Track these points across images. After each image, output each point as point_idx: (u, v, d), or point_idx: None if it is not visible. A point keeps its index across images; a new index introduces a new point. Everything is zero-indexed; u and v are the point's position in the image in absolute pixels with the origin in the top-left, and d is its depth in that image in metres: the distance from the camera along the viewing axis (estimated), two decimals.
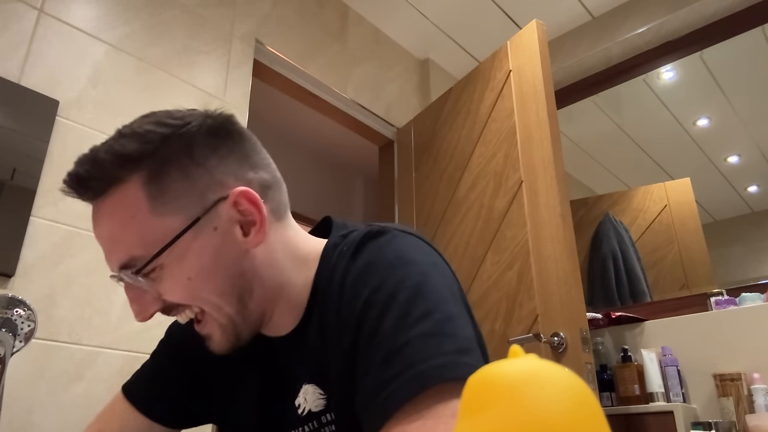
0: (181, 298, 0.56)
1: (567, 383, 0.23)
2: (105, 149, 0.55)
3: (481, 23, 2.64)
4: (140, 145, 0.54)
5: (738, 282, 2.02)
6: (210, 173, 0.56)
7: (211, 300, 0.56)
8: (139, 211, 0.54)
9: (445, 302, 0.50)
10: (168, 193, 0.54)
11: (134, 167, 0.54)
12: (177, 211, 0.54)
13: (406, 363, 0.45)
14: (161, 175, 0.54)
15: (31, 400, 1.28)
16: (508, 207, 1.91)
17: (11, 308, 0.85)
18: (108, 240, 0.56)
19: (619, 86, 2.56)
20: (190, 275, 0.55)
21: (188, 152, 0.55)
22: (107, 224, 0.55)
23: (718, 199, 2.33)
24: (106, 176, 0.54)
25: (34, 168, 1.40)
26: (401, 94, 2.70)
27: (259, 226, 0.57)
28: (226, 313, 0.57)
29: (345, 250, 0.58)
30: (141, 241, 0.54)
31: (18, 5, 1.48)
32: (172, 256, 0.54)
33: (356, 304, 0.52)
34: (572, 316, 1.60)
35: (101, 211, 0.56)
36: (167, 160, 0.55)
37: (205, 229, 0.55)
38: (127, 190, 0.54)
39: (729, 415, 1.63)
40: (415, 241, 0.57)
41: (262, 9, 2.15)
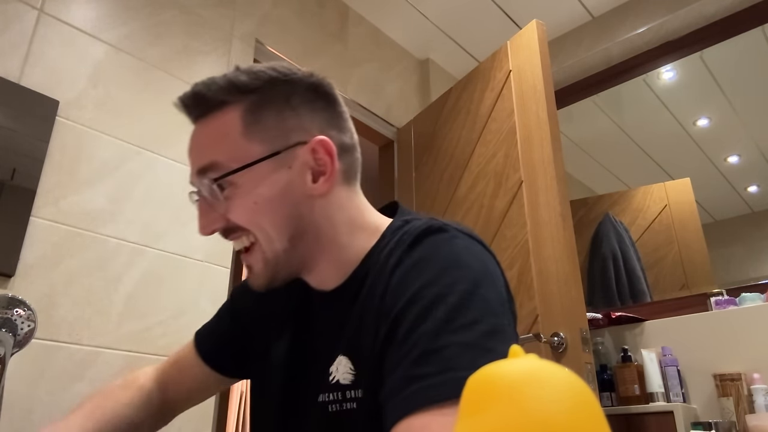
0: (243, 220, 0.61)
1: (567, 383, 0.23)
2: (221, 77, 0.63)
3: (481, 23, 2.64)
4: (250, 80, 0.62)
5: (738, 282, 2.02)
6: (299, 119, 0.63)
7: (266, 230, 0.61)
8: (233, 131, 0.61)
9: (492, 314, 0.50)
10: (260, 124, 0.61)
11: (240, 96, 0.62)
12: (263, 141, 0.61)
13: (441, 366, 0.45)
14: (260, 108, 0.62)
15: (31, 400, 1.28)
16: (508, 207, 1.91)
17: (11, 308, 0.85)
18: (198, 148, 0.63)
19: (619, 86, 2.56)
20: (257, 201, 0.60)
21: (287, 97, 0.63)
22: (202, 136, 0.63)
23: (718, 199, 2.33)
24: (215, 98, 0.62)
25: (34, 168, 1.40)
26: (401, 94, 2.70)
27: (327, 176, 0.62)
28: (274, 248, 0.61)
29: (404, 238, 0.59)
30: (226, 154, 0.60)
31: (18, 5, 1.48)
32: (246, 177, 0.60)
33: (401, 296, 0.53)
34: (572, 316, 1.60)
35: (201, 127, 0.63)
36: (268, 97, 0.62)
37: (281, 164, 0.61)
38: (228, 113, 0.62)
39: (729, 415, 1.63)
40: (473, 244, 0.58)
41: (262, 9, 2.15)
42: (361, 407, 0.57)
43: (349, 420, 0.58)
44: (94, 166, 1.53)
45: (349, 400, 0.58)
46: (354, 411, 0.58)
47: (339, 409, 0.59)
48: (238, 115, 0.61)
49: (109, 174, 1.55)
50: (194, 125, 0.64)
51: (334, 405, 0.59)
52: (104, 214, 1.51)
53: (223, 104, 0.62)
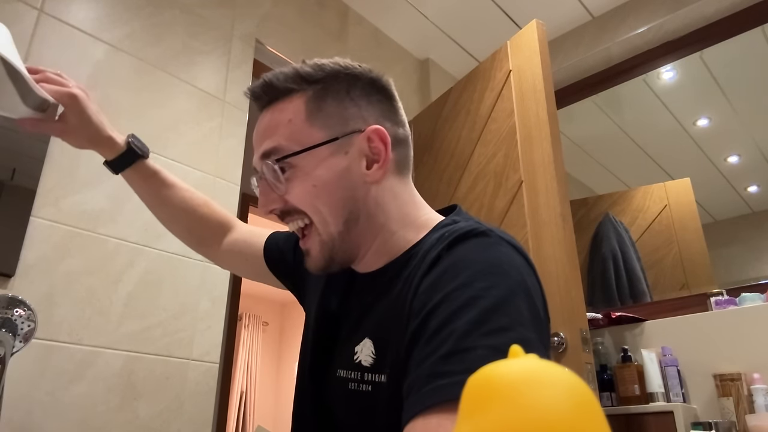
0: (300, 202, 0.65)
1: (567, 383, 0.23)
2: (289, 68, 0.68)
3: (481, 23, 2.64)
4: (315, 71, 0.67)
5: (738, 282, 2.02)
6: (358, 109, 0.68)
7: (322, 213, 0.65)
8: (297, 116, 0.66)
9: (523, 325, 0.49)
10: (322, 112, 0.66)
11: (305, 86, 0.67)
12: (324, 127, 0.66)
13: (466, 366, 0.45)
14: (322, 97, 0.66)
15: (31, 400, 1.28)
16: (508, 207, 1.91)
17: (11, 308, 0.85)
18: (263, 132, 0.67)
19: (619, 86, 2.56)
20: (316, 183, 0.64)
21: (348, 88, 0.68)
22: (268, 121, 0.67)
23: (718, 199, 2.33)
24: (283, 86, 0.67)
25: (34, 168, 1.40)
26: (401, 94, 2.67)
27: (381, 164, 0.66)
28: (330, 231, 0.65)
29: (446, 236, 0.60)
30: (289, 137, 0.65)
31: (18, 5, 1.48)
32: (306, 160, 0.64)
33: (436, 294, 0.53)
34: (572, 316, 1.60)
35: (267, 114, 0.68)
36: (331, 88, 0.67)
37: (339, 149, 0.66)
38: (293, 101, 0.67)
39: (729, 415, 1.63)
40: (514, 253, 0.58)
41: (262, 9, 2.15)
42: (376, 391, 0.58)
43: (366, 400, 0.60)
44: (94, 166, 1.53)
45: (366, 383, 0.60)
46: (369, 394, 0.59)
47: (357, 389, 0.61)
48: (303, 103, 0.66)
49: (109, 174, 1.55)
50: (262, 113, 0.69)
51: (353, 383, 0.62)
52: (104, 214, 1.51)
53: (289, 92, 0.67)
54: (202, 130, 1.79)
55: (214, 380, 1.63)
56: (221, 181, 1.78)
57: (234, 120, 1.91)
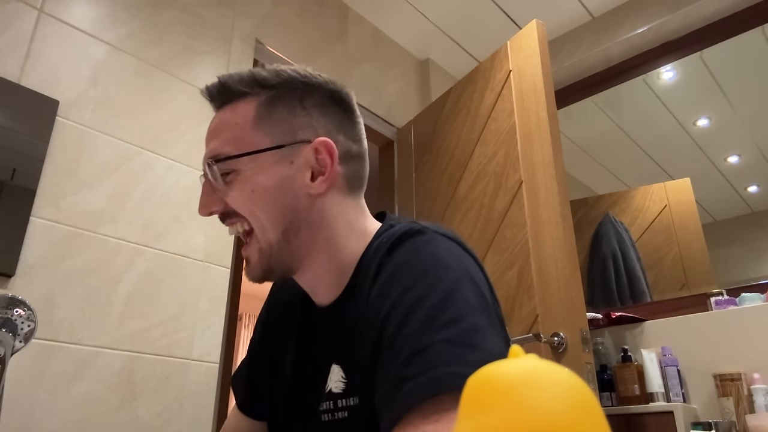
0: (239, 206, 0.64)
1: (567, 383, 0.23)
2: (248, 70, 0.67)
3: (481, 23, 2.64)
4: (271, 76, 0.66)
5: (738, 282, 2.02)
6: (309, 119, 0.66)
7: (260, 219, 0.64)
8: (245, 121, 0.65)
9: (473, 312, 0.50)
10: (271, 118, 0.65)
11: (259, 90, 0.66)
12: (271, 134, 0.65)
13: (428, 364, 0.46)
14: (274, 103, 0.66)
15: (31, 400, 1.28)
16: (508, 207, 1.91)
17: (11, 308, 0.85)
18: (211, 133, 0.67)
19: (619, 86, 2.56)
20: (255, 188, 0.63)
21: (302, 98, 0.67)
22: (218, 123, 0.67)
23: (718, 199, 2.33)
24: (236, 88, 0.66)
25: (34, 168, 1.40)
26: (401, 94, 2.70)
27: (326, 177, 0.65)
28: (268, 238, 0.64)
29: (383, 243, 0.61)
30: (234, 141, 0.64)
31: (18, 5, 1.48)
32: (249, 165, 0.63)
33: (385, 301, 0.54)
34: (572, 316, 1.60)
35: (219, 114, 0.68)
36: (284, 94, 0.66)
37: (284, 158, 0.65)
38: (245, 104, 0.66)
39: (729, 415, 1.63)
40: (451, 245, 0.58)
41: (262, 9, 2.15)
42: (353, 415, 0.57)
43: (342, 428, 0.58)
44: (94, 166, 1.53)
45: (341, 409, 0.59)
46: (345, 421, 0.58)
47: (331, 419, 0.59)
48: (254, 107, 0.65)
49: (109, 174, 1.55)
50: (215, 114, 0.69)
51: (326, 414, 0.60)
52: (104, 214, 1.51)
53: (243, 95, 0.66)
54: (202, 130, 1.79)
55: (214, 380, 1.63)
56: None
57: None
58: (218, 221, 0.68)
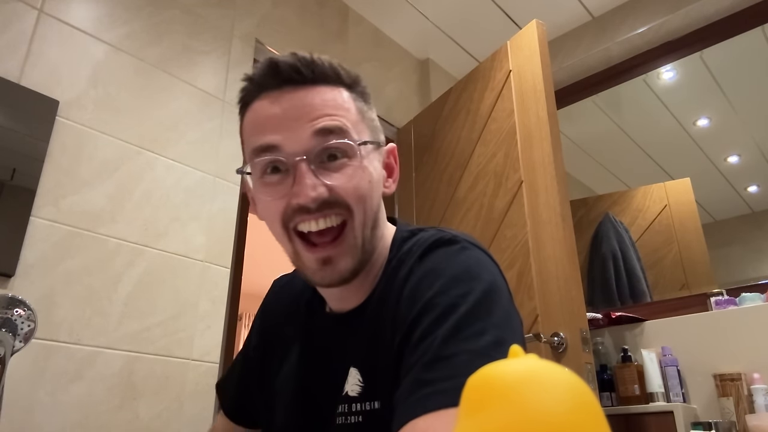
0: (353, 195, 0.59)
1: (567, 383, 0.23)
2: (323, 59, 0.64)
3: (481, 23, 2.64)
4: (346, 74, 0.64)
5: (738, 282, 2.02)
6: (378, 122, 0.68)
7: (366, 212, 0.61)
8: (352, 109, 0.63)
9: (499, 326, 0.51)
10: (366, 115, 0.65)
11: (346, 84, 0.64)
12: (369, 129, 0.65)
13: (450, 372, 0.46)
14: (362, 101, 0.65)
15: (31, 400, 1.28)
16: (508, 207, 1.91)
17: (11, 308, 0.84)
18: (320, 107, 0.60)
19: (619, 86, 2.56)
20: (371, 179, 0.62)
21: (367, 97, 0.67)
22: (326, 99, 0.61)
23: (718, 199, 2.33)
24: (333, 73, 0.63)
25: (34, 168, 1.40)
26: (401, 94, 2.70)
27: (394, 178, 0.68)
28: (365, 233, 0.61)
29: (414, 249, 0.61)
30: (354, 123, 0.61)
31: (18, 5, 1.48)
32: (365, 152, 0.61)
33: (415, 305, 0.54)
34: (572, 316, 1.60)
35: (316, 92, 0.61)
36: (362, 95, 0.66)
37: (378, 156, 0.66)
38: (342, 92, 0.63)
39: (729, 415, 1.63)
40: (482, 256, 0.59)
41: (262, 9, 2.15)
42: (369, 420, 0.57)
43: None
44: (94, 166, 1.53)
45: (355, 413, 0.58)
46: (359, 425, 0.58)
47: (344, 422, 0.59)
48: (351, 98, 0.63)
49: (109, 174, 1.55)
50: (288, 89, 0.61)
51: (341, 417, 0.60)
52: (104, 214, 1.51)
53: (335, 82, 0.63)
54: (202, 130, 1.79)
55: (214, 380, 1.62)
56: (221, 181, 1.78)
57: (234, 120, 1.91)
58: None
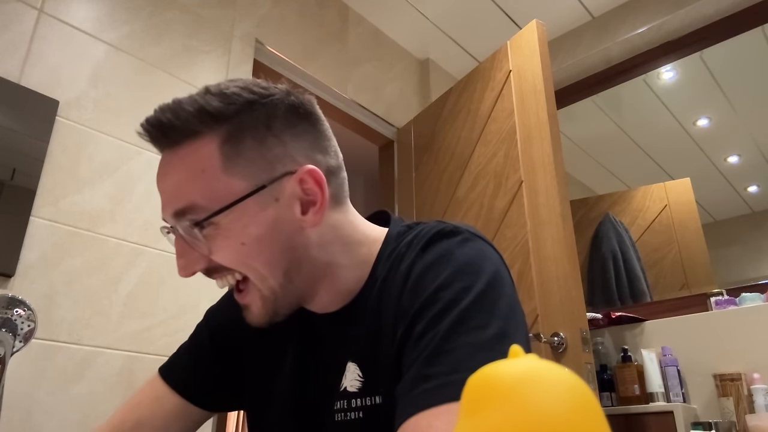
0: (230, 262, 0.56)
1: (567, 383, 0.22)
2: (190, 102, 0.56)
3: (481, 23, 2.64)
4: (225, 105, 0.55)
5: (738, 282, 2.02)
6: (284, 146, 0.58)
7: (258, 269, 0.56)
8: (211, 166, 0.55)
9: (503, 318, 0.51)
10: (241, 157, 0.55)
11: (214, 125, 0.55)
12: (246, 175, 0.55)
13: (452, 366, 0.46)
14: (238, 138, 0.55)
15: (31, 400, 1.28)
16: (508, 207, 1.91)
17: (11, 308, 0.84)
18: (172, 186, 0.56)
19: (619, 86, 2.56)
20: (244, 241, 0.55)
21: (267, 122, 0.57)
22: (176, 172, 0.56)
23: (718, 199, 2.33)
24: (186, 127, 0.55)
25: (34, 168, 1.40)
26: (401, 94, 2.70)
27: (318, 207, 0.58)
28: (269, 285, 0.57)
29: (415, 242, 0.59)
30: (206, 194, 0.54)
31: (18, 5, 1.48)
32: (230, 217, 0.55)
33: (417, 298, 0.53)
34: (572, 316, 1.60)
35: (172, 159, 0.56)
36: (247, 125, 0.56)
37: (267, 198, 0.56)
38: (203, 146, 0.55)
39: (729, 415, 1.63)
40: (485, 247, 0.58)
41: (262, 9, 2.15)
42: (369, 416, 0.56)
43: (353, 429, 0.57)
44: (94, 166, 1.53)
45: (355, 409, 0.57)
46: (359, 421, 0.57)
47: (343, 419, 0.58)
48: (215, 147, 0.55)
49: (109, 174, 1.55)
50: (162, 154, 0.58)
51: (339, 414, 0.59)
52: (104, 214, 1.51)
53: (195, 134, 0.55)
54: None
55: None
56: None
57: None
58: None
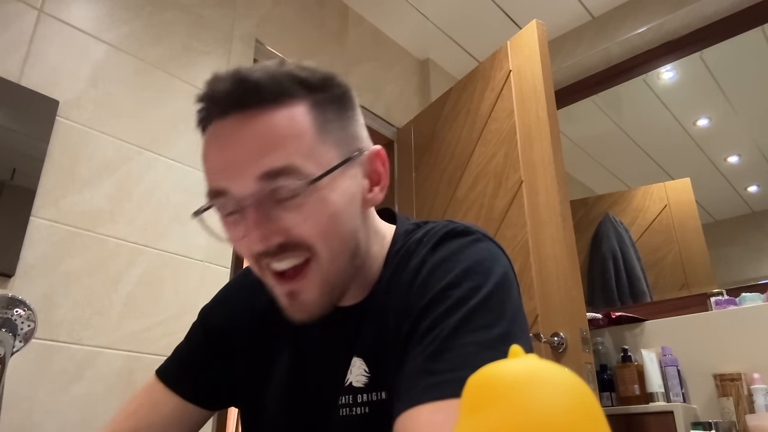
0: (314, 234, 0.53)
1: (567, 383, 0.23)
2: (278, 66, 0.55)
3: (481, 23, 2.64)
4: (312, 75, 0.55)
5: (738, 282, 2.02)
6: (355, 124, 0.59)
7: (334, 246, 0.54)
8: (307, 132, 0.53)
9: (509, 319, 0.51)
10: (329, 126, 0.55)
11: (306, 92, 0.55)
12: (334, 145, 0.55)
13: (455, 364, 0.46)
14: (324, 108, 0.55)
15: (31, 401, 1.28)
16: (508, 207, 1.91)
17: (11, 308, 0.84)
18: (262, 146, 0.52)
19: (619, 86, 2.56)
20: (334, 212, 0.53)
21: (342, 99, 0.58)
22: (268, 132, 0.52)
23: (718, 199, 2.33)
24: (281, 88, 0.53)
25: (34, 168, 1.40)
26: (401, 94, 2.70)
27: (382, 186, 0.60)
28: (337, 267, 0.55)
29: (426, 240, 0.59)
30: (306, 155, 0.52)
31: (18, 5, 1.48)
32: (326, 184, 0.53)
33: (426, 295, 0.54)
34: (572, 316, 1.60)
35: (259, 119, 0.52)
36: (329, 97, 0.56)
37: (351, 171, 0.57)
38: (296, 110, 0.53)
39: (729, 415, 1.63)
40: (493, 248, 0.58)
41: (262, 9, 2.15)
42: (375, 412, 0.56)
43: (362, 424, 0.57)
44: (94, 166, 1.53)
45: (361, 404, 0.57)
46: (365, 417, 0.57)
47: (349, 414, 0.58)
48: (307, 113, 0.54)
49: (109, 174, 1.55)
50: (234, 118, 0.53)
51: (345, 409, 0.58)
52: (104, 214, 1.51)
53: (290, 96, 0.53)
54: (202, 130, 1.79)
55: None
56: None
57: None
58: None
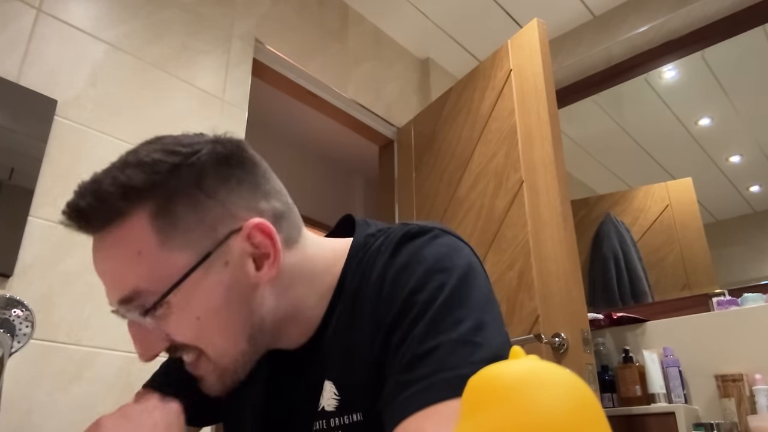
0: (189, 339, 0.53)
1: (568, 384, 0.22)
2: (109, 180, 0.51)
3: (481, 22, 2.64)
4: (147, 175, 0.51)
5: (740, 282, 2.02)
6: (221, 205, 0.53)
7: (217, 342, 0.53)
8: (146, 246, 0.50)
9: (479, 310, 0.50)
10: (177, 227, 0.51)
11: (140, 200, 0.50)
12: (186, 245, 0.51)
13: (433, 367, 0.45)
14: (170, 208, 0.51)
15: (30, 401, 1.28)
16: (509, 207, 1.90)
17: (9, 309, 0.84)
18: (111, 275, 0.53)
19: (621, 86, 2.56)
20: (199, 314, 0.52)
21: (198, 183, 0.52)
22: (111, 260, 0.52)
23: (720, 199, 2.33)
24: (110, 210, 0.50)
25: (32, 168, 1.39)
26: (401, 93, 2.70)
27: (273, 259, 0.54)
28: (231, 356, 0.54)
29: (383, 249, 0.57)
30: (148, 277, 0.51)
31: (16, 4, 1.48)
32: (180, 293, 0.51)
33: (393, 305, 0.52)
34: (573, 317, 1.59)
35: (104, 245, 0.52)
36: (176, 192, 0.51)
37: (215, 264, 0.52)
38: (133, 225, 0.50)
39: (731, 416, 1.62)
40: (454, 242, 0.57)
41: (261, 8, 2.15)
42: None
43: None
44: (93, 165, 1.51)
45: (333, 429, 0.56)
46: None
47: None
48: (146, 224, 0.50)
49: None
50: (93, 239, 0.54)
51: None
52: None
53: (122, 214, 0.50)
54: (202, 129, 1.78)
55: None
56: None
57: (233, 119, 1.91)
58: None
